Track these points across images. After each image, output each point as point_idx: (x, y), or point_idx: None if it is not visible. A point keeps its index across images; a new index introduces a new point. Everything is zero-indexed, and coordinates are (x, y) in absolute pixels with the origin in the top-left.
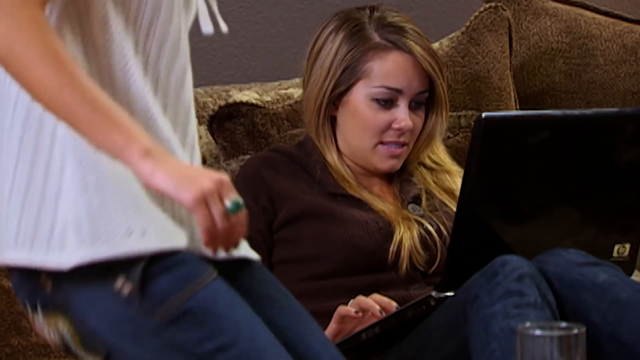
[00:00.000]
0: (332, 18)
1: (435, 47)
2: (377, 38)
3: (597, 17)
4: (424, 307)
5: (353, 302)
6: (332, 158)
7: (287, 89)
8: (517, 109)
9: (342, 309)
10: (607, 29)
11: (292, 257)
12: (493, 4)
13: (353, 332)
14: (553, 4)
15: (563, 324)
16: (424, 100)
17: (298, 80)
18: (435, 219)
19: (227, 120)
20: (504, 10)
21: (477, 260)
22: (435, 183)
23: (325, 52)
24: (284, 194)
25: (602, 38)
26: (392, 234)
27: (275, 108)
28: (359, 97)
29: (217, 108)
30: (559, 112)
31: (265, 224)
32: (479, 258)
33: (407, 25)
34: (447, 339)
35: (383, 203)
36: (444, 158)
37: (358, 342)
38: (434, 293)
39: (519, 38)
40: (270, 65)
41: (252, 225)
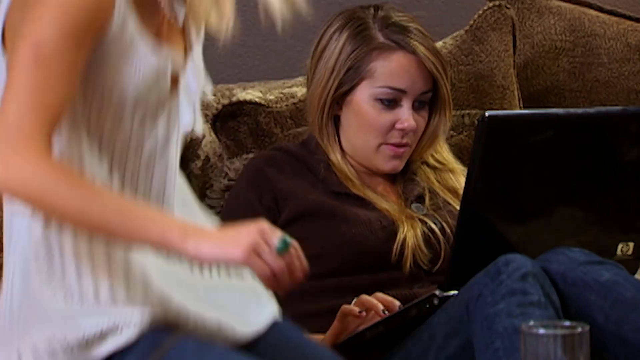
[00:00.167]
0: (336, 17)
1: (439, 45)
2: (381, 38)
3: (601, 15)
4: (428, 306)
5: (357, 300)
6: (335, 157)
7: (290, 88)
8: (520, 108)
9: (345, 308)
10: (611, 28)
11: None
12: (497, 3)
13: (356, 330)
14: (557, 3)
15: (567, 323)
16: (428, 100)
17: (302, 79)
18: (439, 218)
19: (230, 119)
20: (508, 9)
21: (480, 259)
22: (439, 182)
23: (329, 51)
24: (288, 193)
25: (606, 37)
26: (395, 233)
27: (279, 107)
28: (363, 97)
29: (220, 107)
30: (563, 110)
31: (269, 222)
32: (483, 257)
33: (411, 25)
34: (450, 338)
35: (387, 202)
36: (448, 157)
37: (361, 340)
38: (438, 292)
39: (523, 37)
40: (274, 64)
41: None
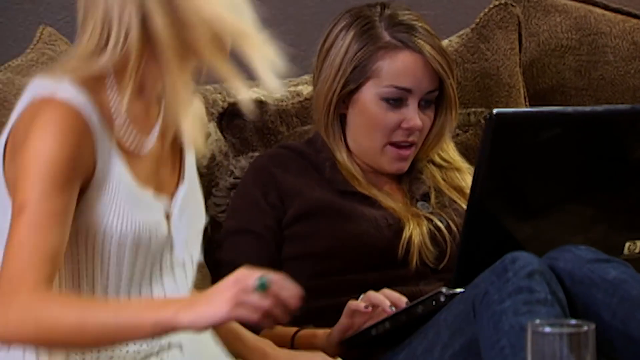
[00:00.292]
0: (342, 15)
1: (445, 44)
2: (387, 37)
3: (606, 13)
4: (434, 303)
5: (363, 297)
6: (341, 156)
7: (296, 86)
8: (526, 106)
9: (352, 304)
10: (616, 26)
11: (302, 253)
12: (503, 1)
13: (363, 327)
14: (563, 1)
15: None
16: (434, 99)
17: (308, 78)
18: (445, 216)
19: (236, 117)
20: (514, 7)
21: (487, 257)
22: (445, 181)
23: (336, 50)
24: (294, 191)
25: (611, 35)
26: (401, 231)
27: (285, 105)
28: (369, 96)
29: (226, 105)
30: (570, 108)
31: (275, 221)
32: (490, 255)
33: (417, 24)
34: (456, 336)
35: (392, 200)
36: (454, 156)
37: (368, 337)
38: (444, 289)
39: (529, 35)
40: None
41: (260, 222)
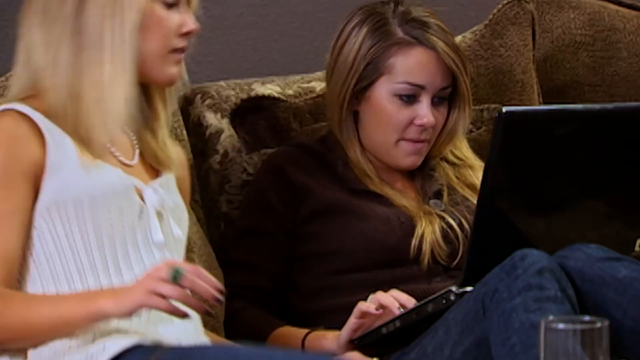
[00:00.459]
0: (356, 12)
1: (458, 40)
2: (400, 33)
3: (620, 9)
4: (444, 301)
5: (372, 298)
6: (354, 153)
7: (309, 83)
8: (540, 102)
9: (362, 305)
10: (631, 22)
11: (314, 252)
12: None
13: (373, 326)
14: None
15: (586, 318)
16: (447, 96)
17: (321, 74)
18: (457, 214)
19: (249, 114)
20: (527, 3)
21: (498, 255)
22: (458, 178)
23: (349, 46)
24: (307, 190)
25: (625, 31)
26: (414, 229)
27: (298, 102)
28: (382, 92)
29: (239, 101)
30: (580, 106)
31: (288, 219)
32: (500, 252)
33: (430, 20)
34: (466, 333)
35: (405, 198)
36: (467, 153)
37: (378, 336)
38: (454, 288)
39: (542, 31)
40: (293, 59)
41: (272, 221)
